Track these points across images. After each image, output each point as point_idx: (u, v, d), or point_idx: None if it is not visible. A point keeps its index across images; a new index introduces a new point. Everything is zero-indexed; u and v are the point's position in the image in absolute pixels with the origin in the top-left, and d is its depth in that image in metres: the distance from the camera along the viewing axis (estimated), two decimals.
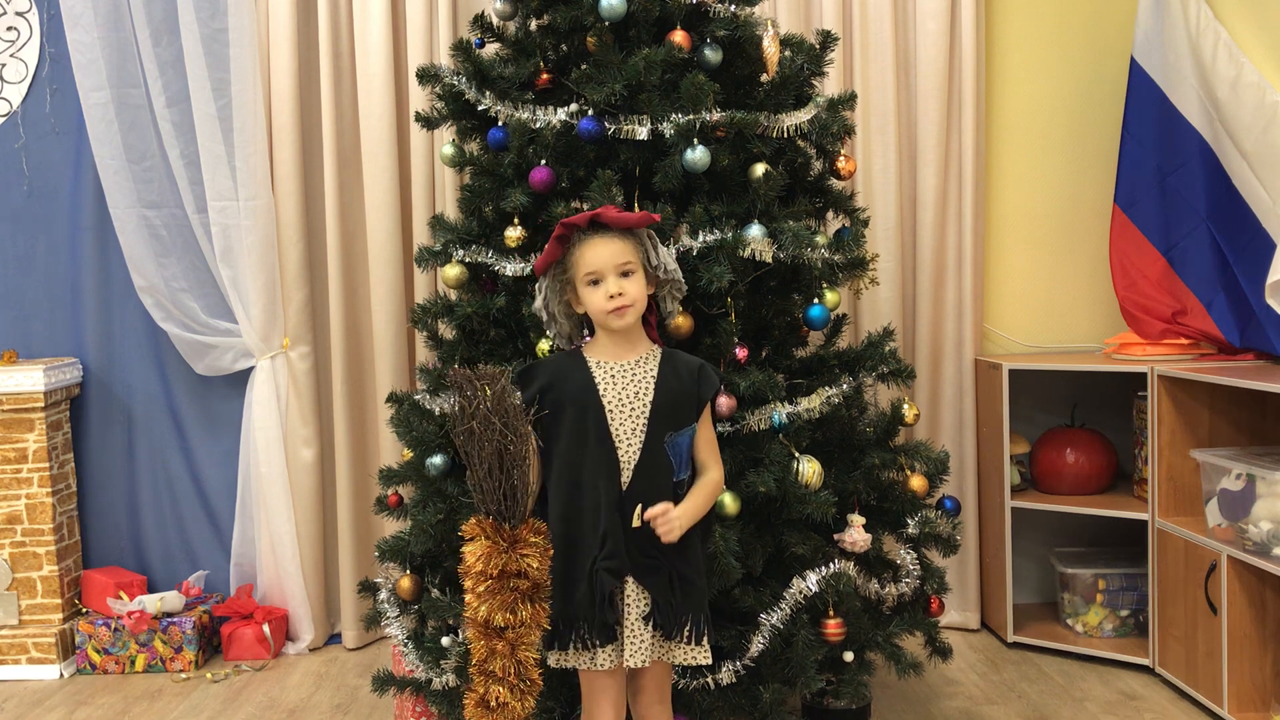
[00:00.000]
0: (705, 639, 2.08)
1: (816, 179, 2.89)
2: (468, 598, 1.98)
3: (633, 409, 2.05)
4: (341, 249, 3.61)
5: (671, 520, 1.99)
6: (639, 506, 2.01)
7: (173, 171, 3.61)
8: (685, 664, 2.09)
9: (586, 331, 2.21)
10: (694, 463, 2.11)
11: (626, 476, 2.03)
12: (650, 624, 2.03)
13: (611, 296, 2.04)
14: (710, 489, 2.12)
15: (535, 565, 1.95)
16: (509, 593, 1.94)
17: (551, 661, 2.07)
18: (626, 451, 2.03)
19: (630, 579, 2.03)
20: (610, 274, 2.05)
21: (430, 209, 3.58)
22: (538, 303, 2.17)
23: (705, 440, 2.13)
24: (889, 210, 3.58)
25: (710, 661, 2.10)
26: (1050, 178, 3.71)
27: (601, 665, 2.05)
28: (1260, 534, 2.68)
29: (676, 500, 2.05)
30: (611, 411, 2.04)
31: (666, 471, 2.05)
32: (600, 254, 2.05)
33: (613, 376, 2.07)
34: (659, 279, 2.14)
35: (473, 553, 1.96)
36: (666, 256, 2.15)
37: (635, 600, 2.03)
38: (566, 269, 2.10)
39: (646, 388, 2.07)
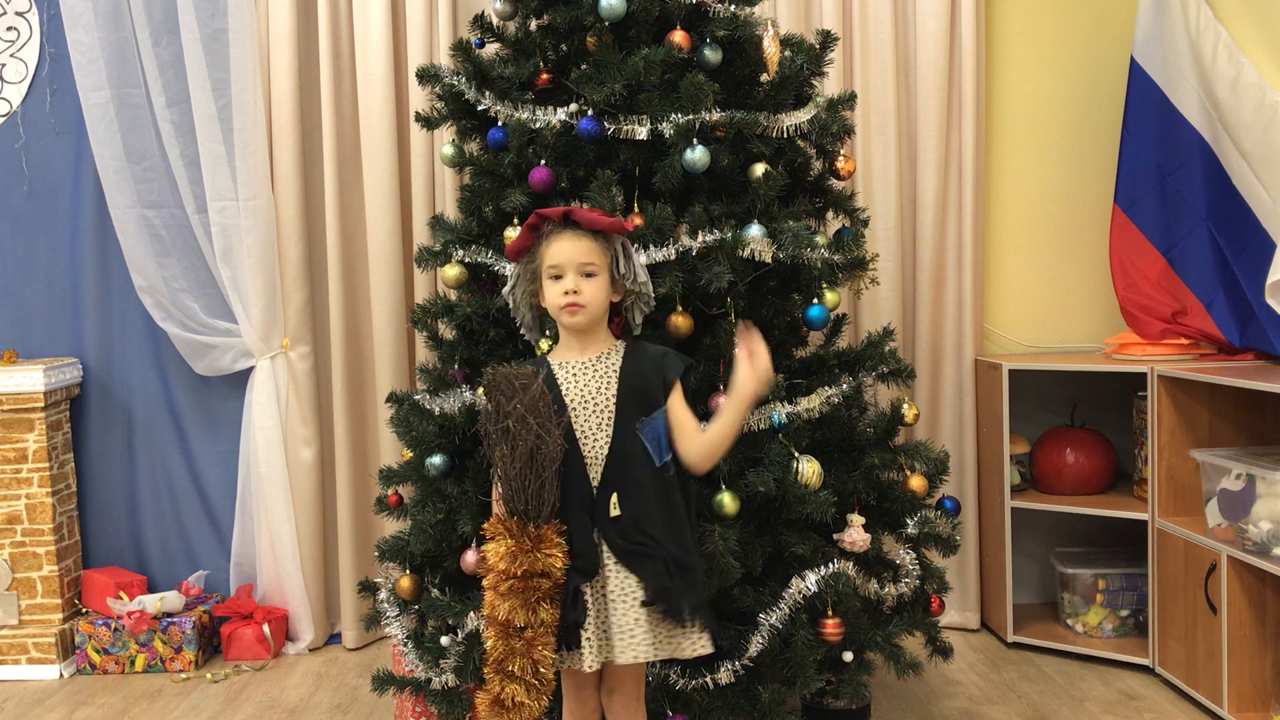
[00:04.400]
0: (707, 627, 2.06)
1: (816, 179, 2.89)
2: (488, 596, 1.98)
3: (596, 405, 2.05)
4: (341, 249, 3.61)
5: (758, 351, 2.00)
6: (614, 495, 2.01)
7: (173, 171, 3.61)
8: (690, 656, 2.07)
9: (549, 331, 2.23)
10: (673, 448, 2.06)
11: (596, 473, 2.03)
12: (650, 611, 2.01)
13: (566, 293, 2.05)
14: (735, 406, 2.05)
15: (558, 567, 1.96)
16: (531, 593, 1.95)
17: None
18: (593, 448, 2.03)
19: (618, 569, 2.01)
20: (571, 271, 2.06)
21: (430, 209, 3.58)
22: (507, 289, 2.20)
23: (686, 419, 2.07)
24: (889, 210, 3.58)
25: (711, 650, 2.09)
26: (1050, 178, 3.71)
27: (584, 662, 2.02)
28: (1260, 534, 2.68)
29: (664, 489, 2.03)
30: (575, 410, 2.05)
31: (641, 460, 2.03)
32: (565, 250, 2.06)
33: (574, 375, 2.08)
34: (626, 287, 2.14)
35: (495, 552, 1.97)
36: (638, 268, 2.14)
37: (621, 592, 2.01)
38: (534, 259, 2.12)
39: (609, 382, 2.07)
